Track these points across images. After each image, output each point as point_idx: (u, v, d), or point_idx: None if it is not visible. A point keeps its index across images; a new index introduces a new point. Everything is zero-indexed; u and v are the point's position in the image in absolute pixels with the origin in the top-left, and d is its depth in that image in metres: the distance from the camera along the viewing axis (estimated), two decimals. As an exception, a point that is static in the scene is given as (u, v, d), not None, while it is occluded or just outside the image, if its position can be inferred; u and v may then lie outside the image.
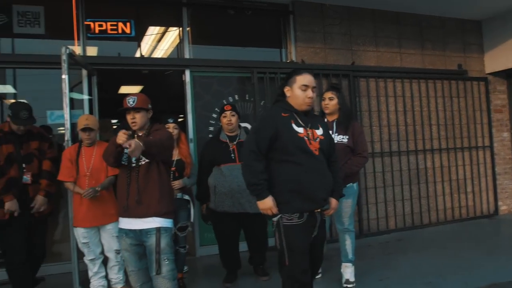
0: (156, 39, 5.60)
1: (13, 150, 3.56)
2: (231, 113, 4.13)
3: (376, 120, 6.17)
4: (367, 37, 6.25)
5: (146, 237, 2.86)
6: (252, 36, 6.05)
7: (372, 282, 4.01)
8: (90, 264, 3.78)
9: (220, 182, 3.95)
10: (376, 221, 6.04)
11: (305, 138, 2.80)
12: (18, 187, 3.53)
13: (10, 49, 5.01)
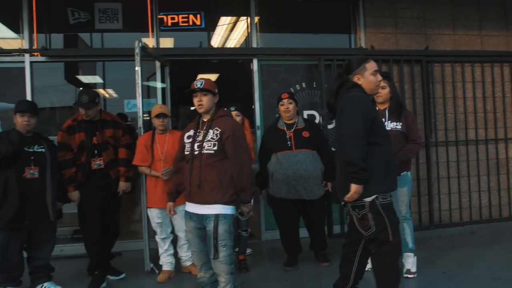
0: (225, 29, 5.78)
1: (84, 138, 3.86)
2: (288, 101, 4.19)
3: (451, 107, 5.87)
4: (443, 20, 5.92)
5: (206, 222, 2.98)
6: (320, 23, 5.99)
7: (435, 274, 3.90)
8: (161, 242, 4.08)
9: (277, 169, 4.06)
10: (448, 212, 5.79)
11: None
12: (85, 172, 3.83)
13: (93, 43, 5.47)
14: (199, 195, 2.99)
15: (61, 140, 3.89)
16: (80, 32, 5.42)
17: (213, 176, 2.99)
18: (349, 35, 5.93)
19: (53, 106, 5.51)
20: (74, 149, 3.85)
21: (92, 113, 3.89)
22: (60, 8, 5.32)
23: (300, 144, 4.13)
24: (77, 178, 3.84)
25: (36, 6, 5.17)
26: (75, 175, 3.84)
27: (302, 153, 4.11)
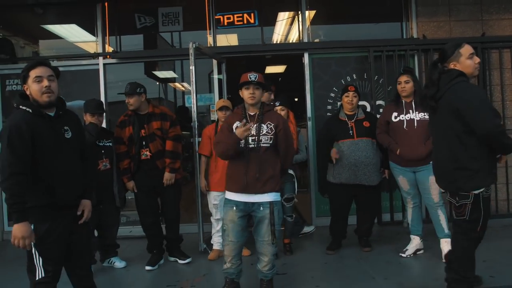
0: (277, 25, 6.06)
1: (132, 130, 4.26)
2: (353, 94, 4.42)
3: (510, 94, 5.71)
4: (502, 4, 5.74)
5: (259, 209, 3.24)
6: (371, 14, 6.09)
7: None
8: (215, 223, 4.51)
9: (339, 156, 4.31)
10: (506, 202, 5.67)
11: None
12: (135, 162, 4.26)
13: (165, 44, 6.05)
14: (255, 186, 3.22)
15: (116, 134, 4.38)
16: (146, 34, 5.99)
17: (269, 168, 3.26)
18: (400, 24, 5.94)
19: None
20: (126, 141, 4.29)
21: (134, 102, 4.21)
22: (129, 14, 5.92)
23: (361, 133, 4.37)
24: (131, 169, 4.31)
25: (108, 13, 5.81)
26: (129, 166, 4.30)
27: (363, 141, 4.34)
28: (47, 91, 2.65)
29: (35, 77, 2.66)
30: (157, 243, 4.41)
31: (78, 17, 5.97)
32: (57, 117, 2.75)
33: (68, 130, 2.78)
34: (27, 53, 6.41)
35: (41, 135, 2.63)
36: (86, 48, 6.06)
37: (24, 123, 2.58)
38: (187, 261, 4.42)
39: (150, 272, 4.23)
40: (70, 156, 2.76)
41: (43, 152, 2.63)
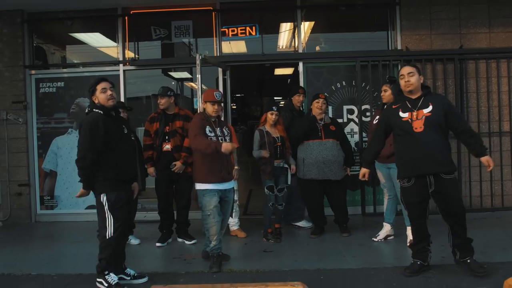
0: (275, 37, 6.81)
1: (159, 126, 5.10)
2: (323, 101, 5.14)
3: (484, 101, 6.32)
4: (478, 19, 6.35)
5: (230, 194, 4.34)
6: (361, 27, 6.83)
7: (435, 246, 4.61)
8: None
9: (307, 155, 5.04)
10: (479, 198, 6.30)
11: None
12: (158, 153, 5.07)
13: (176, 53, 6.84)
14: (227, 177, 4.28)
15: (145, 128, 5.23)
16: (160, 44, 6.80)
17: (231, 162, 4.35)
18: (386, 37, 6.61)
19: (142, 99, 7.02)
20: (152, 134, 5.12)
21: (165, 103, 5.05)
22: (146, 27, 6.73)
23: (328, 135, 5.09)
24: (153, 157, 5.13)
25: (128, 26, 6.63)
26: (152, 155, 5.13)
27: (330, 142, 5.08)
28: (111, 98, 3.76)
29: (102, 89, 3.72)
30: (168, 224, 5.22)
31: (101, 27, 6.81)
32: (116, 117, 3.88)
33: (124, 128, 3.89)
34: (57, 59, 7.28)
35: (110, 130, 3.70)
36: (108, 52, 6.92)
37: (100, 121, 3.66)
38: (193, 242, 5.18)
39: (160, 248, 5.05)
40: (127, 145, 3.90)
41: (111, 141, 3.68)
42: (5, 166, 6.59)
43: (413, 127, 3.73)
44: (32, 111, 6.70)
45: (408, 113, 3.79)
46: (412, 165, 3.79)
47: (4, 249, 5.26)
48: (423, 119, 3.72)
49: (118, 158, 3.74)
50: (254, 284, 3.46)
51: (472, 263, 3.80)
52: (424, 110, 3.74)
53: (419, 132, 3.72)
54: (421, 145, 3.73)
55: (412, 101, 3.83)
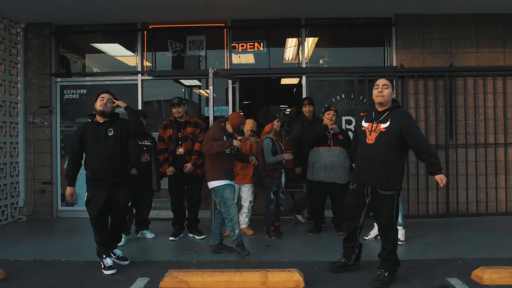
0: (282, 51, 7.44)
1: (172, 132, 5.68)
2: (334, 113, 5.74)
3: (472, 114, 6.88)
4: (467, 40, 6.93)
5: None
6: (361, 44, 7.41)
7: (417, 244, 5.18)
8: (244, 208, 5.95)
9: (317, 159, 5.64)
10: (465, 204, 6.83)
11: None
12: (174, 155, 5.64)
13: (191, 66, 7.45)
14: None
15: (159, 134, 5.80)
16: (176, 56, 7.42)
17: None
18: (383, 54, 7.21)
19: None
20: (166, 140, 5.70)
21: (182, 111, 5.64)
22: (163, 40, 7.36)
23: (336, 143, 5.69)
24: (169, 160, 5.69)
25: (146, 39, 7.26)
26: (168, 158, 5.69)
27: (337, 149, 5.66)
28: (102, 104, 4.39)
29: (100, 98, 4.41)
30: (180, 221, 5.79)
31: (121, 39, 7.46)
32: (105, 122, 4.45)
33: (111, 131, 4.42)
34: (79, 67, 7.91)
35: (87, 135, 4.38)
36: (126, 62, 7.55)
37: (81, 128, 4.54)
38: (202, 237, 5.74)
39: (173, 242, 5.61)
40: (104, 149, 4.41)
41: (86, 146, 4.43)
42: (30, 165, 7.21)
43: (367, 138, 3.95)
44: (57, 115, 7.32)
45: (369, 123, 3.98)
46: (357, 172, 4.17)
47: (32, 240, 5.85)
48: (377, 132, 3.90)
49: (91, 160, 4.39)
50: (256, 270, 4.03)
51: (381, 275, 3.95)
52: (382, 125, 3.88)
53: (370, 144, 3.93)
54: (368, 156, 3.96)
55: (377, 113, 3.98)
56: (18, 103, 7.13)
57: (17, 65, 7.13)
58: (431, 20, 6.90)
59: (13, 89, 7.03)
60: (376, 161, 3.89)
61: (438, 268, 4.35)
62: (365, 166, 4.02)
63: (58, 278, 4.23)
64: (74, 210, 7.25)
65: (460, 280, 3.95)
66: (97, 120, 4.42)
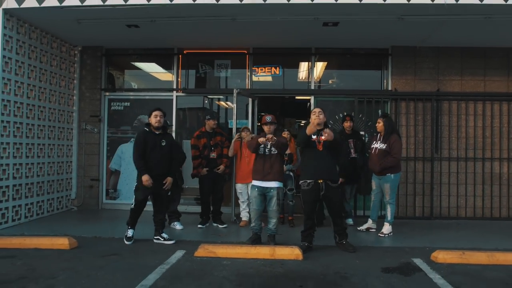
0: (295, 72, 8.78)
1: (206, 141, 7.01)
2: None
3: (455, 132, 8.06)
4: (453, 69, 8.15)
5: (270, 191, 5.83)
6: (362, 69, 8.71)
7: (398, 237, 6.38)
8: (242, 204, 7.19)
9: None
10: (447, 209, 8.00)
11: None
12: (208, 159, 6.94)
13: (217, 85, 8.86)
14: (268, 177, 5.75)
15: (193, 143, 7.10)
16: (205, 76, 8.81)
17: (276, 166, 5.84)
18: (380, 79, 8.48)
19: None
20: (200, 147, 7.01)
21: (214, 124, 7.03)
22: (194, 63, 8.76)
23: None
24: (203, 163, 6.99)
25: (181, 61, 8.67)
26: (201, 163, 6.99)
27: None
28: (158, 121, 5.80)
29: (154, 115, 5.78)
30: (207, 212, 7.11)
31: (160, 61, 8.91)
32: (159, 134, 5.82)
33: (163, 141, 5.85)
34: (120, 83, 9.33)
35: (148, 142, 5.74)
36: (163, 79, 8.98)
37: (142, 135, 5.79)
38: (224, 226, 7.05)
39: (201, 229, 6.93)
40: (158, 154, 5.82)
41: (147, 149, 5.75)
42: (81, 164, 8.64)
43: (317, 146, 5.52)
44: (104, 123, 8.76)
45: (315, 136, 5.56)
46: (312, 172, 5.52)
47: (87, 224, 7.24)
48: (322, 143, 5.50)
49: (148, 161, 5.78)
50: (267, 246, 5.33)
51: (346, 244, 5.59)
52: (323, 137, 5.42)
53: (320, 151, 5.50)
54: (320, 159, 5.48)
55: (318, 130, 5.56)
56: (73, 112, 8.60)
57: (73, 81, 8.60)
58: (422, 51, 8.14)
59: (70, 101, 8.49)
60: (327, 161, 5.59)
61: (408, 252, 5.58)
62: (320, 166, 5.57)
63: (117, 249, 5.59)
64: (116, 203, 8.65)
65: (422, 260, 5.19)
66: (154, 132, 5.83)
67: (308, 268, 4.87)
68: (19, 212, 6.97)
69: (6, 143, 6.57)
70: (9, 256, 5.17)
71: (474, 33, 7.26)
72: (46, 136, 7.65)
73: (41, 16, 6.68)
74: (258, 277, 4.54)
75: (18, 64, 6.81)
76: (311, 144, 5.57)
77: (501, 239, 6.46)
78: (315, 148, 5.54)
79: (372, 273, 4.72)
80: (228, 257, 5.17)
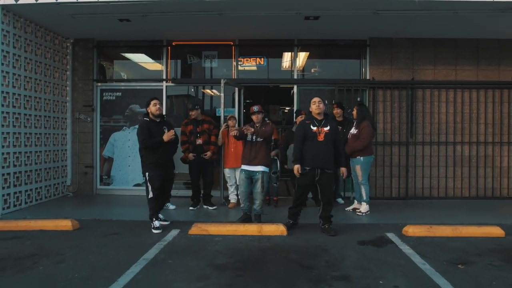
0: (279, 62, 9.23)
1: (192, 128, 7.46)
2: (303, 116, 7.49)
3: (428, 119, 8.66)
4: (426, 59, 8.71)
5: (256, 174, 6.38)
6: (340, 59, 9.24)
7: (375, 215, 6.96)
8: (230, 188, 7.71)
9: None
10: (421, 190, 8.63)
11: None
12: (194, 145, 7.39)
13: (205, 75, 9.27)
14: (254, 161, 6.28)
15: (181, 129, 7.56)
16: (194, 67, 9.22)
17: (261, 152, 6.33)
18: (359, 68, 9.00)
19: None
20: (187, 133, 7.47)
21: (195, 113, 7.46)
22: (183, 54, 9.16)
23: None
24: (189, 149, 7.47)
25: (170, 53, 9.05)
26: (188, 147, 7.46)
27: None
28: (158, 109, 6.09)
29: (153, 103, 6.07)
30: (197, 195, 7.61)
31: (150, 52, 9.28)
32: (160, 122, 6.10)
33: (165, 128, 6.13)
34: (111, 73, 9.67)
35: (153, 130, 5.99)
36: (152, 69, 9.37)
37: (145, 124, 6.01)
38: (214, 208, 7.56)
39: (192, 211, 7.42)
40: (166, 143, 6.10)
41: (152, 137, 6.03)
42: (76, 152, 9.03)
43: (318, 136, 5.86)
44: (97, 112, 9.13)
45: (316, 127, 5.89)
46: (311, 161, 5.84)
47: (84, 208, 7.69)
48: (323, 134, 5.85)
49: (155, 150, 6.03)
50: (255, 223, 5.86)
51: (328, 228, 5.88)
52: (325, 128, 5.87)
53: (320, 141, 5.84)
54: (319, 149, 5.81)
55: (318, 120, 5.94)
56: (67, 102, 8.94)
57: (66, 72, 8.92)
58: (398, 42, 8.66)
59: (63, 91, 8.83)
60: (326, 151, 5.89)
61: (383, 228, 6.17)
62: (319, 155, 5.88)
63: (116, 229, 6.06)
64: (109, 189, 9.08)
65: (394, 234, 5.78)
66: (155, 120, 6.12)
67: (292, 242, 5.42)
68: (20, 198, 7.37)
69: (6, 133, 6.93)
70: (17, 237, 5.60)
71: (445, 26, 7.79)
72: (43, 126, 8.01)
73: (36, 11, 7.00)
74: (247, 251, 5.07)
75: (15, 57, 7.14)
76: (312, 136, 5.86)
77: (468, 215, 7.14)
78: (315, 139, 5.84)
79: (349, 246, 5.30)
80: (219, 234, 5.69)
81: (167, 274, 4.26)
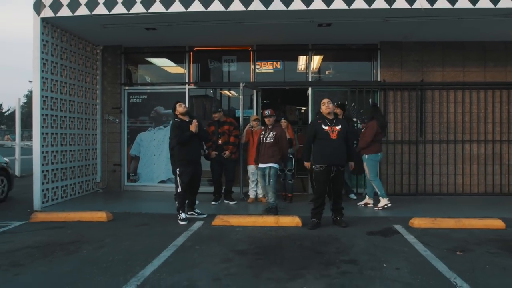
0: (294, 66, 9.75)
1: (214, 128, 8.04)
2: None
3: (437, 118, 9.07)
4: (435, 61, 9.12)
5: (265, 170, 7.03)
6: (353, 63, 9.70)
7: (384, 209, 7.41)
8: (251, 183, 8.27)
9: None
10: (431, 186, 9.05)
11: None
12: (216, 145, 7.95)
13: (225, 79, 9.84)
14: (265, 160, 6.99)
15: (205, 130, 8.13)
16: (214, 71, 9.81)
17: (270, 151, 6.98)
18: (370, 71, 9.45)
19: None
20: (210, 133, 8.00)
21: (218, 116, 8.06)
22: (204, 59, 9.76)
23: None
24: (213, 147, 8.04)
25: (192, 58, 9.65)
26: (211, 146, 8.02)
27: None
28: (185, 108, 6.72)
29: (179, 105, 6.70)
30: (219, 191, 8.18)
31: (173, 57, 9.90)
32: (189, 121, 6.68)
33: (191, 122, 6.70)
34: (137, 78, 10.31)
35: (184, 129, 6.56)
36: (175, 73, 9.98)
37: (177, 124, 6.60)
38: (234, 203, 8.13)
39: (214, 205, 8.00)
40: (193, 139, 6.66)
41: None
42: (105, 151, 9.71)
43: (331, 136, 6.20)
44: (125, 114, 9.79)
45: (328, 127, 6.25)
46: (326, 159, 6.22)
47: (114, 202, 8.34)
48: (335, 132, 6.20)
49: (187, 147, 6.63)
50: (272, 215, 6.40)
51: (339, 220, 6.32)
52: (337, 127, 6.23)
53: (334, 139, 6.18)
54: (334, 147, 6.17)
55: (329, 120, 6.31)
56: (97, 105, 9.63)
57: (96, 77, 9.61)
58: (407, 46, 9.10)
59: (94, 95, 9.52)
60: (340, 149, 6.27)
61: (391, 220, 6.65)
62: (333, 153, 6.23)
63: (146, 220, 6.68)
64: (136, 185, 9.73)
65: (401, 225, 6.25)
66: (184, 119, 6.69)
67: (306, 232, 5.97)
68: (57, 193, 8.06)
69: (45, 133, 7.62)
70: (59, 227, 6.27)
71: (452, 30, 8.20)
72: (76, 127, 8.70)
73: (72, 22, 7.67)
74: (265, 239, 5.62)
75: (53, 64, 7.83)
76: (324, 136, 6.19)
77: (473, 209, 7.56)
78: (329, 138, 6.16)
79: (359, 235, 5.80)
80: (240, 225, 6.26)
81: (195, 258, 4.84)
